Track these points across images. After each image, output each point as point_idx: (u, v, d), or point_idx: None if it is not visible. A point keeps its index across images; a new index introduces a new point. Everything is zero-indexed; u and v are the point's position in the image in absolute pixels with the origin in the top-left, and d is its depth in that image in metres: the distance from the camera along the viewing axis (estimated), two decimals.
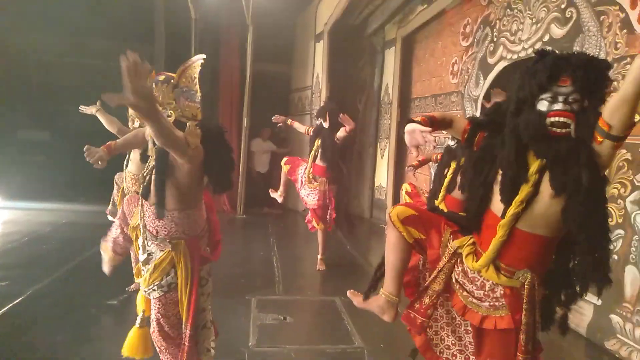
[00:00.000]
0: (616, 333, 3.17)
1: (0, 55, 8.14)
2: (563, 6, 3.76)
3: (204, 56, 2.03)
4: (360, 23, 7.59)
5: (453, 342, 1.85)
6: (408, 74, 7.15)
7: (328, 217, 4.70)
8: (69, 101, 3.72)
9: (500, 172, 1.62)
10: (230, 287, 4.13)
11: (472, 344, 1.77)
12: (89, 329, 3.27)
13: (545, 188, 1.55)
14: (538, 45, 4.04)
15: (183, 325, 2.09)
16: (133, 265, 3.26)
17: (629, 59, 3.17)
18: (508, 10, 4.53)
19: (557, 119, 1.51)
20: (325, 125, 4.58)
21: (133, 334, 2.36)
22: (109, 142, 2.37)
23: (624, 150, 3.21)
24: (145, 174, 2.06)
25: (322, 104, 5.34)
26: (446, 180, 3.35)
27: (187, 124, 1.93)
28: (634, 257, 3.09)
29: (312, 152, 4.70)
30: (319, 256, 4.85)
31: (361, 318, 3.57)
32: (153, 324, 2.10)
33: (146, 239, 2.09)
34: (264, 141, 8.45)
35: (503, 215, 1.60)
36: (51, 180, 7.12)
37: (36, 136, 8.14)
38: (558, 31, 3.81)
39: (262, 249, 5.57)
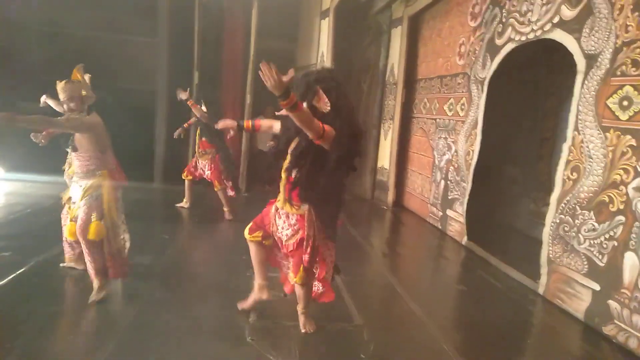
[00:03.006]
0: (614, 319, 3.19)
1: (1, 26, 8.04)
2: None
3: (82, 64, 3.50)
4: (367, 1, 7.47)
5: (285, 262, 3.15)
6: (414, 54, 7.06)
7: (224, 178, 5.88)
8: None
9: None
10: (231, 263, 4.17)
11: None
12: (91, 301, 3.31)
13: None
14: (548, 27, 3.97)
15: (108, 226, 3.34)
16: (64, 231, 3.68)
17: (639, 43, 3.11)
18: None
19: None
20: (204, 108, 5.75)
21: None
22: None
23: (628, 136, 3.18)
24: (70, 143, 3.34)
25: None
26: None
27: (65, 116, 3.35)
28: (633, 243, 3.09)
29: (198, 132, 5.98)
30: (225, 209, 5.85)
31: (360, 296, 3.61)
32: (79, 222, 3.27)
33: (78, 180, 3.36)
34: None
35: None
36: (53, 153, 7.13)
37: (37, 108, 8.10)
38: (568, 12, 3.74)
39: None
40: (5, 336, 2.69)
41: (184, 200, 6.24)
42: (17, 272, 3.61)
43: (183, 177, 6.16)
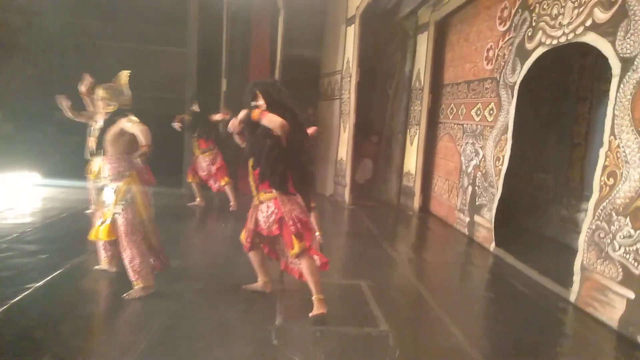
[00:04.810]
0: None
1: (38, 37, 8.38)
2: None
3: (129, 71, 3.72)
4: (393, 7, 7.46)
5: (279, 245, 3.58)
6: (440, 60, 7.02)
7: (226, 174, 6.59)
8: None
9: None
10: None
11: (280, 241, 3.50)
12: (124, 302, 3.39)
13: None
14: (580, 30, 3.90)
15: (146, 223, 3.62)
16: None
17: None
18: None
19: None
20: (196, 108, 6.46)
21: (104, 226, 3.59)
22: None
23: None
24: (98, 143, 3.61)
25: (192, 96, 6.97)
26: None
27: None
28: None
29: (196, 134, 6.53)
30: (231, 202, 6.53)
31: (386, 302, 3.60)
32: (122, 227, 3.47)
33: (109, 183, 3.54)
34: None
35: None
36: (87, 160, 7.38)
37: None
38: (602, 15, 3.66)
39: None
40: (42, 335, 2.79)
41: (197, 200, 6.77)
42: (54, 274, 3.74)
43: (189, 181, 6.78)
